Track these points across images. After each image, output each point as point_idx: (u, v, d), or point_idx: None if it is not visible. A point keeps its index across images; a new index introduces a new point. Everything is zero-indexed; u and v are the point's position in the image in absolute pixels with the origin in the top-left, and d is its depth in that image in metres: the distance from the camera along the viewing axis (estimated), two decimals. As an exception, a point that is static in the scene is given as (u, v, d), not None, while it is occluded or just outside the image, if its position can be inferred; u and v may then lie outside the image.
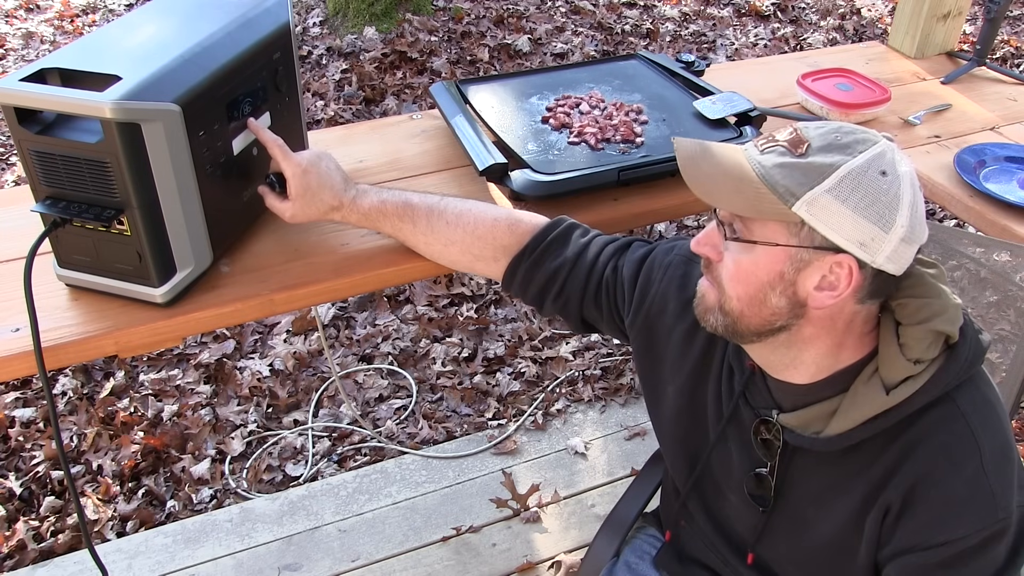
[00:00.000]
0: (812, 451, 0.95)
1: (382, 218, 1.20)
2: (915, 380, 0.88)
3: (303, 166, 1.17)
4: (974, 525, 0.86)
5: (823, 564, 1.00)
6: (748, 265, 0.87)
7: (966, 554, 0.87)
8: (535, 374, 2.57)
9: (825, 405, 0.93)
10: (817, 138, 0.85)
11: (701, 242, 0.93)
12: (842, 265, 0.84)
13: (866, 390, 0.89)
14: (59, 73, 1.04)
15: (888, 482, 0.90)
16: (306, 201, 1.18)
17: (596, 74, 1.70)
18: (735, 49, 4.45)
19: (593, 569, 1.28)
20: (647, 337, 1.12)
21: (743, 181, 0.84)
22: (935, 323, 0.88)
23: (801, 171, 0.82)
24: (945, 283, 0.92)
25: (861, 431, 0.90)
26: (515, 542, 2.08)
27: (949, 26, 2.04)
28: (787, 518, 1.02)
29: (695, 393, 1.08)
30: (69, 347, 1.09)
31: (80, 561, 1.98)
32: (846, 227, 0.82)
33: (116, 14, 4.65)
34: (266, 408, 2.43)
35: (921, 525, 0.88)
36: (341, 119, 3.64)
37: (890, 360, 0.88)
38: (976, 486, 0.86)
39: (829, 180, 0.81)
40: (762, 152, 0.86)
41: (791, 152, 0.84)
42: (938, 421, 0.88)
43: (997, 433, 0.88)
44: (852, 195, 0.81)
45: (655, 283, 1.11)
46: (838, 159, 0.82)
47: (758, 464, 1.01)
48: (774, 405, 0.99)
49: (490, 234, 1.18)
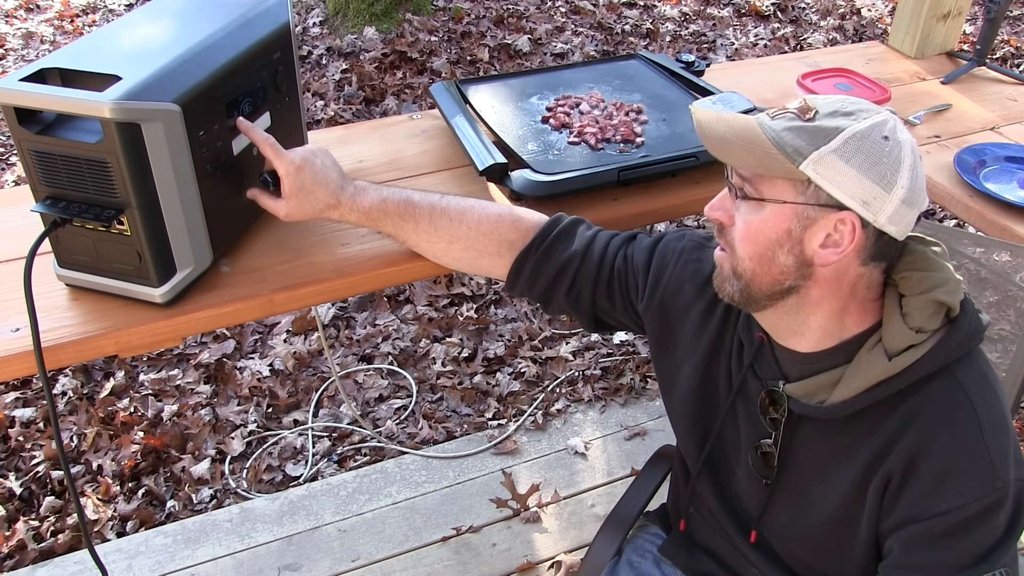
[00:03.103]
0: (816, 420, 0.98)
1: (383, 217, 1.18)
2: (917, 349, 0.91)
3: (296, 163, 1.15)
4: (974, 493, 0.88)
5: (825, 536, 1.02)
6: (757, 223, 0.91)
7: (967, 523, 0.88)
8: (535, 374, 2.57)
9: (830, 375, 0.96)
10: (824, 106, 0.90)
11: (714, 206, 0.97)
12: (845, 222, 0.88)
13: (869, 358, 0.92)
14: (59, 73, 1.04)
15: (890, 451, 0.92)
16: (301, 199, 1.16)
17: (596, 74, 1.70)
18: (735, 49, 4.45)
19: (593, 569, 1.28)
20: (662, 319, 1.13)
21: (754, 142, 0.89)
22: (936, 293, 0.91)
23: (809, 133, 0.87)
24: (948, 260, 0.95)
25: (864, 398, 0.93)
26: (515, 542, 2.08)
27: (949, 26, 2.04)
28: (790, 490, 1.04)
29: (708, 371, 1.10)
30: (69, 347, 1.09)
31: (80, 561, 1.98)
32: (849, 185, 0.86)
33: (116, 14, 4.65)
34: (266, 408, 2.43)
35: (922, 494, 0.90)
36: (341, 119, 3.64)
37: (893, 328, 0.92)
38: (975, 455, 0.89)
39: (835, 141, 0.86)
40: (772, 118, 0.91)
41: (800, 117, 0.89)
42: (938, 391, 0.91)
43: (995, 407, 0.91)
44: (856, 156, 0.86)
45: (669, 267, 1.13)
46: (843, 123, 0.87)
47: (764, 436, 1.03)
48: (780, 375, 1.01)
49: (494, 230, 1.18)
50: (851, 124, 0.87)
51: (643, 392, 2.52)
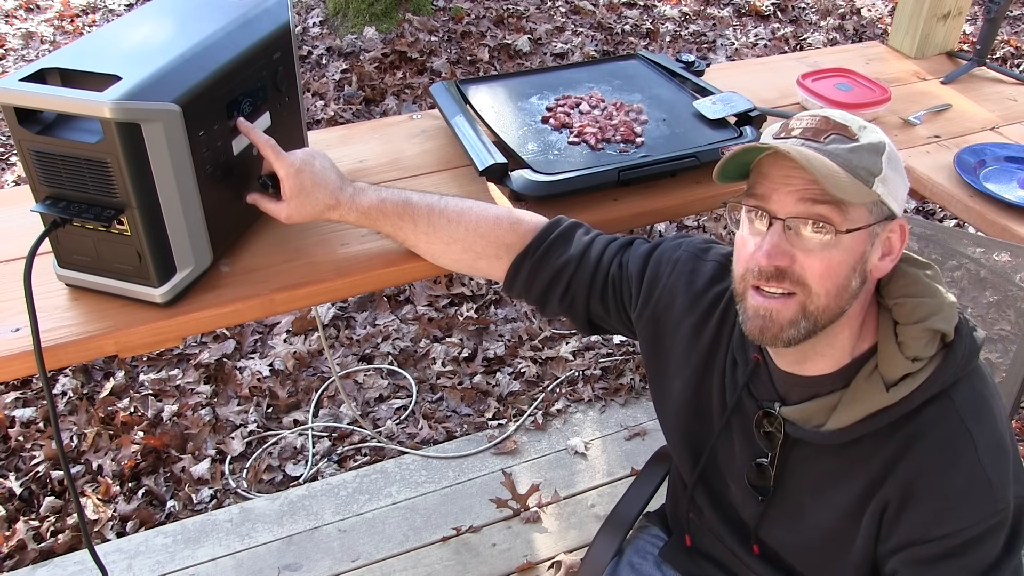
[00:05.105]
0: (812, 443, 0.97)
1: (382, 217, 1.19)
2: (914, 377, 0.90)
3: (296, 165, 1.16)
4: (975, 516, 0.87)
5: (818, 553, 1.02)
6: (839, 256, 0.87)
7: (967, 544, 0.88)
8: (535, 374, 2.57)
9: (826, 399, 0.95)
10: (850, 121, 0.91)
11: (773, 254, 0.88)
12: (894, 230, 0.91)
13: (867, 386, 0.92)
14: (59, 73, 1.04)
15: (886, 478, 0.92)
16: (301, 201, 1.17)
17: (596, 74, 1.70)
18: (735, 49, 4.45)
19: (593, 569, 1.28)
20: (654, 331, 1.13)
21: (837, 172, 0.85)
22: (931, 322, 0.90)
23: (867, 152, 0.88)
24: (941, 283, 0.95)
25: (862, 427, 0.92)
26: (515, 542, 2.08)
27: (949, 26, 2.04)
28: (785, 507, 1.03)
29: (700, 386, 1.09)
30: (69, 347, 1.09)
31: (80, 561, 1.98)
32: (899, 193, 0.90)
33: (116, 14, 4.65)
34: (266, 408, 2.43)
35: (922, 518, 0.90)
36: (341, 119, 3.64)
37: (889, 358, 0.91)
38: (973, 477, 0.88)
39: (885, 154, 0.89)
40: (824, 143, 0.88)
41: (849, 138, 0.89)
42: (935, 417, 0.90)
43: (991, 427, 0.90)
44: (895, 162, 0.90)
45: (663, 277, 1.12)
46: (876, 136, 0.90)
47: (759, 454, 1.03)
48: (777, 398, 1.01)
49: (492, 232, 1.18)
50: (879, 137, 0.90)
51: (643, 392, 2.52)
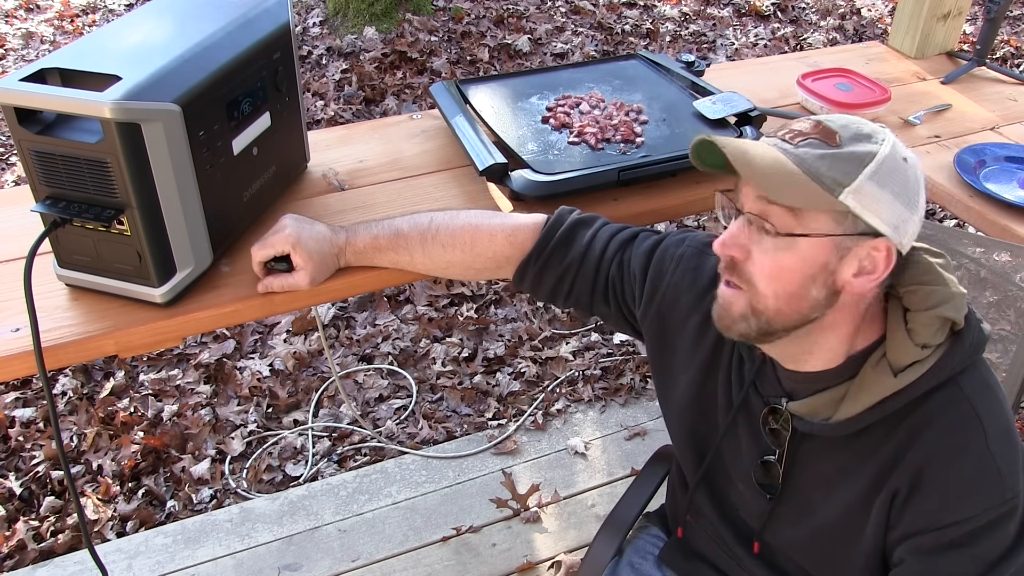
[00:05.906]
0: (820, 436, 0.97)
1: (377, 253, 1.19)
2: (922, 364, 0.90)
3: (292, 237, 1.14)
4: (983, 504, 0.87)
5: (825, 548, 1.01)
6: (790, 260, 0.87)
7: (976, 533, 0.88)
8: (535, 374, 2.57)
9: (834, 392, 0.95)
10: (842, 129, 0.88)
11: (728, 243, 0.90)
12: (879, 249, 0.87)
13: (875, 374, 0.91)
14: (59, 73, 1.04)
15: (896, 465, 0.91)
16: (316, 263, 1.16)
17: (596, 74, 1.70)
18: (735, 49, 4.45)
19: (593, 569, 1.28)
20: (659, 328, 1.12)
21: (791, 175, 0.85)
22: (943, 309, 0.90)
23: (844, 160, 0.85)
24: (951, 272, 0.94)
25: (870, 415, 0.92)
26: (515, 542, 2.08)
27: (949, 26, 2.04)
28: (794, 504, 1.03)
29: (706, 383, 1.09)
30: (69, 347, 1.09)
31: (80, 561, 1.98)
32: (884, 211, 0.85)
33: (116, 14, 4.65)
34: (266, 408, 2.43)
35: (931, 506, 0.90)
36: (341, 119, 3.64)
37: (898, 345, 0.90)
38: (983, 465, 0.88)
39: (869, 168, 0.85)
40: (797, 146, 0.87)
41: (827, 144, 0.86)
42: (943, 404, 0.90)
43: (1000, 416, 0.90)
44: (889, 181, 0.85)
45: (667, 274, 1.11)
46: (870, 147, 0.86)
47: (767, 452, 1.03)
48: (783, 393, 1.00)
49: (489, 249, 1.18)
50: (877, 148, 0.85)
51: (643, 392, 2.52)
